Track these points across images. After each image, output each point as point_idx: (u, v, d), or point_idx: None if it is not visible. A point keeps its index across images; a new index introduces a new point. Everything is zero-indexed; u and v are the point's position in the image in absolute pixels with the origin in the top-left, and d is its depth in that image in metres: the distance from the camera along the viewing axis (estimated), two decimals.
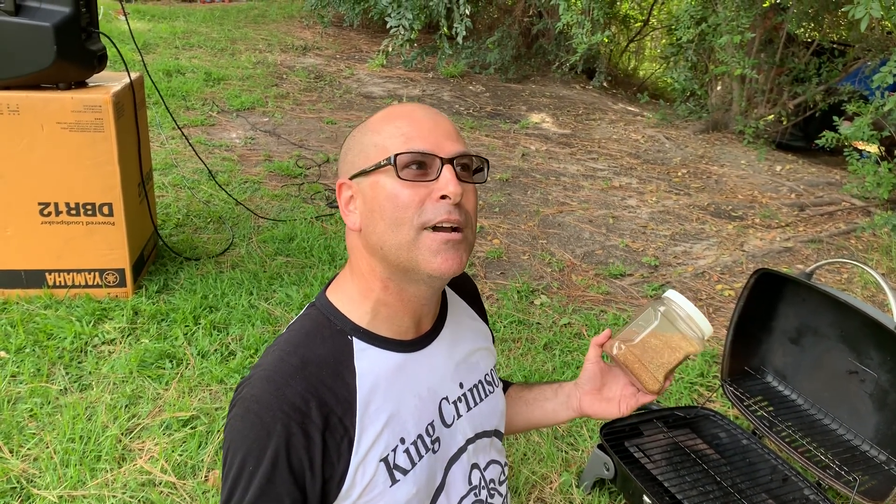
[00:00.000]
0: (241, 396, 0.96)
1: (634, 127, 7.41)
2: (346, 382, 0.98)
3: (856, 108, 4.84)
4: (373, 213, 0.99)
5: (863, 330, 2.13)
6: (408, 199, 0.96)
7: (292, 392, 0.93)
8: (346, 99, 7.29)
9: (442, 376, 1.11)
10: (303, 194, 4.71)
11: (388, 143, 0.99)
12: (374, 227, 0.99)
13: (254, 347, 2.93)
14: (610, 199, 5.28)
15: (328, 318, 1.05)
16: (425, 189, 0.96)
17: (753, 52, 6.84)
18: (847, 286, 4.13)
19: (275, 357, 0.99)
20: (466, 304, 1.26)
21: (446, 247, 0.96)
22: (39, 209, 3.00)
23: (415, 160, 0.97)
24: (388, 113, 1.04)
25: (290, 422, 0.92)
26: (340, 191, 1.05)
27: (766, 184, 5.86)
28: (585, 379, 1.26)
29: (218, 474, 2.30)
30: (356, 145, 1.04)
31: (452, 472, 1.10)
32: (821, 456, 2.10)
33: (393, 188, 0.97)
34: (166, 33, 8.76)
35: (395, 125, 1.01)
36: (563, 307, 3.61)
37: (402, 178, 0.96)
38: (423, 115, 1.02)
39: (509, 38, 8.86)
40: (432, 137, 0.99)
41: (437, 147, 0.98)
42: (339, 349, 1.01)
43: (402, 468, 1.01)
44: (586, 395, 1.27)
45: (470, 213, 1.00)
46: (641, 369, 1.12)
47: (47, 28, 2.74)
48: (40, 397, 2.56)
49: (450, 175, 0.97)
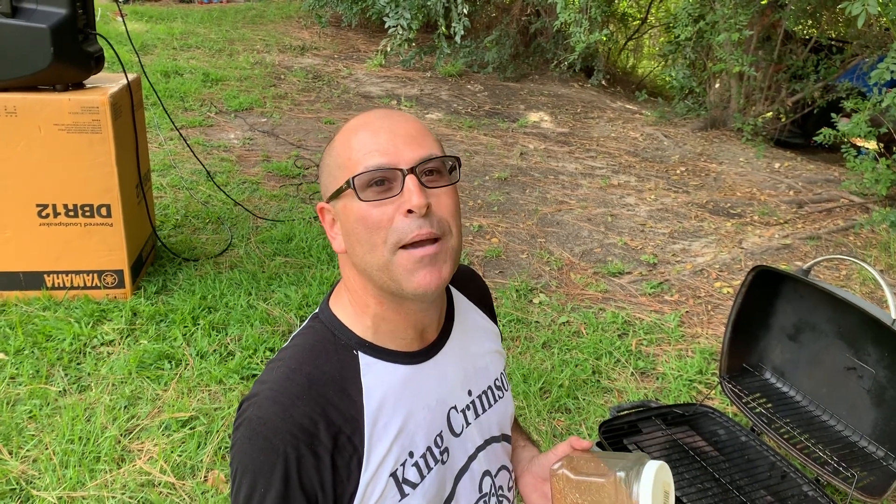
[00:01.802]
0: (247, 417, 0.93)
1: (633, 125, 7.41)
2: (353, 400, 0.96)
3: (854, 104, 4.84)
4: (349, 237, 0.96)
5: (861, 326, 2.13)
6: (376, 221, 0.92)
7: (300, 413, 0.92)
8: (345, 99, 7.29)
9: (451, 386, 1.08)
10: (301, 194, 4.71)
11: (347, 162, 0.95)
12: (354, 249, 0.96)
13: (252, 348, 2.93)
14: (608, 197, 5.28)
15: (333, 333, 1.02)
16: (392, 205, 0.92)
17: (751, 50, 6.84)
18: (845, 283, 4.13)
19: (280, 375, 0.96)
20: (474, 305, 1.22)
21: (422, 263, 0.92)
22: (38, 211, 3.00)
23: (373, 178, 0.92)
24: (347, 126, 1.00)
25: (299, 444, 0.91)
26: (322, 215, 1.02)
27: (765, 181, 5.86)
28: (540, 464, 1.17)
29: (217, 474, 2.30)
30: (325, 167, 1.01)
31: (462, 481, 1.09)
32: (819, 452, 2.10)
33: (359, 210, 0.93)
34: (164, 34, 8.76)
35: (353, 140, 0.96)
36: (562, 305, 3.61)
37: (364, 200, 0.92)
38: (379, 124, 0.96)
39: (507, 36, 8.86)
40: (391, 147, 0.93)
41: (397, 157, 0.93)
42: (345, 365, 0.99)
43: (411, 482, 0.99)
44: (529, 475, 1.19)
45: (446, 218, 0.95)
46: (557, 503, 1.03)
47: (44, 30, 2.74)
48: (39, 399, 2.56)
49: (413, 186, 0.91)
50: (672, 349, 3.30)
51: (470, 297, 1.22)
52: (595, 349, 3.21)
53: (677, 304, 3.74)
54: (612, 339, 3.31)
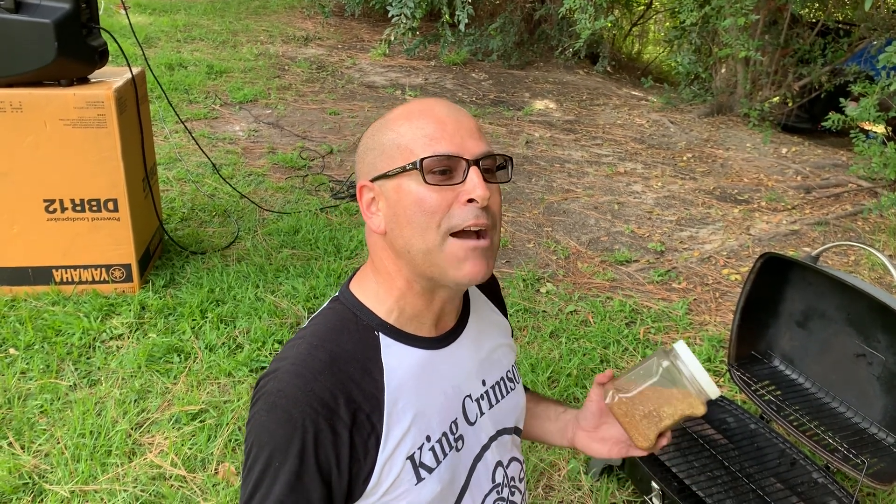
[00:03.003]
0: (267, 391, 0.94)
1: (639, 112, 7.38)
2: (373, 379, 0.97)
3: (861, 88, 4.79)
4: (398, 218, 0.97)
5: (870, 312, 2.12)
6: (435, 204, 0.94)
7: (321, 388, 0.92)
8: (349, 89, 7.27)
9: (466, 374, 1.10)
10: (307, 186, 4.71)
11: (411, 144, 0.96)
12: (401, 231, 0.97)
13: (261, 340, 2.94)
14: (615, 185, 5.26)
15: (354, 314, 1.03)
16: (452, 193, 0.95)
17: (758, 34, 6.78)
18: (854, 268, 4.11)
19: (301, 351, 0.96)
20: (487, 299, 1.25)
21: (474, 254, 0.95)
22: (45, 206, 3.01)
23: (441, 164, 0.94)
24: (408, 111, 1.01)
25: (318, 418, 0.91)
26: (361, 193, 1.02)
27: (772, 167, 5.83)
28: (584, 416, 1.22)
29: (228, 467, 2.31)
30: (376, 145, 1.01)
31: (477, 470, 1.09)
32: (829, 439, 2.10)
33: (419, 193, 0.94)
34: (167, 27, 8.74)
35: (417, 125, 0.97)
36: (569, 294, 3.61)
37: (428, 184, 0.94)
38: (445, 114, 0.99)
39: (511, 24, 8.81)
40: (457, 138, 0.96)
41: (462, 148, 0.95)
42: (367, 345, 1.00)
43: (427, 466, 1.00)
44: (581, 430, 1.23)
45: (496, 215, 0.99)
46: (631, 425, 1.07)
47: (48, 25, 2.74)
48: (50, 393, 2.57)
49: (477, 178, 0.95)
50: (680, 337, 3.29)
51: (484, 291, 1.25)
52: (603, 338, 3.21)
53: (685, 292, 3.73)
54: (619, 327, 3.31)
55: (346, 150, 5.45)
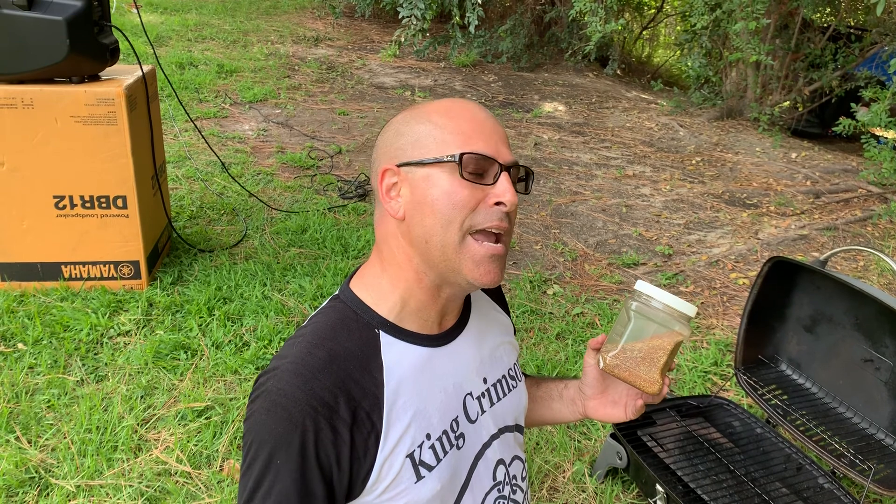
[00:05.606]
0: (266, 389, 0.94)
1: (648, 115, 7.36)
2: (373, 377, 0.97)
3: (873, 93, 4.77)
4: (422, 206, 0.98)
5: (878, 318, 2.11)
6: (464, 200, 0.96)
7: (320, 386, 0.92)
8: (359, 90, 7.29)
9: (467, 371, 1.10)
10: (315, 185, 4.72)
11: (448, 138, 0.98)
12: (422, 219, 0.98)
13: (267, 338, 2.95)
14: (623, 187, 5.25)
15: (354, 311, 1.03)
16: (481, 192, 0.97)
17: (769, 38, 6.76)
18: (863, 274, 4.09)
19: (301, 349, 0.96)
20: (488, 298, 1.25)
21: (490, 260, 0.98)
22: (54, 202, 3.03)
23: (477, 162, 0.96)
24: (447, 107, 1.03)
25: (318, 417, 0.91)
26: (384, 176, 1.02)
27: (782, 171, 5.81)
28: (587, 383, 1.23)
29: (233, 464, 2.32)
30: (409, 132, 1.01)
31: (478, 468, 1.09)
32: (835, 444, 2.09)
33: (451, 185, 0.96)
34: (178, 26, 8.78)
35: (456, 121, 0.99)
36: (576, 297, 3.60)
37: (463, 178, 0.96)
38: (483, 117, 1.01)
39: (521, 26, 8.81)
40: (492, 141, 0.98)
41: (497, 152, 0.98)
42: (366, 342, 1.00)
43: (427, 464, 1.00)
44: (590, 399, 1.24)
45: (513, 222, 1.02)
46: (633, 376, 1.07)
47: (60, 22, 2.76)
48: (57, 388, 2.59)
49: (507, 183, 0.97)
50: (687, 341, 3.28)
51: (485, 289, 1.23)
52: None
53: (692, 296, 3.72)
54: None
55: (354, 150, 5.46)
